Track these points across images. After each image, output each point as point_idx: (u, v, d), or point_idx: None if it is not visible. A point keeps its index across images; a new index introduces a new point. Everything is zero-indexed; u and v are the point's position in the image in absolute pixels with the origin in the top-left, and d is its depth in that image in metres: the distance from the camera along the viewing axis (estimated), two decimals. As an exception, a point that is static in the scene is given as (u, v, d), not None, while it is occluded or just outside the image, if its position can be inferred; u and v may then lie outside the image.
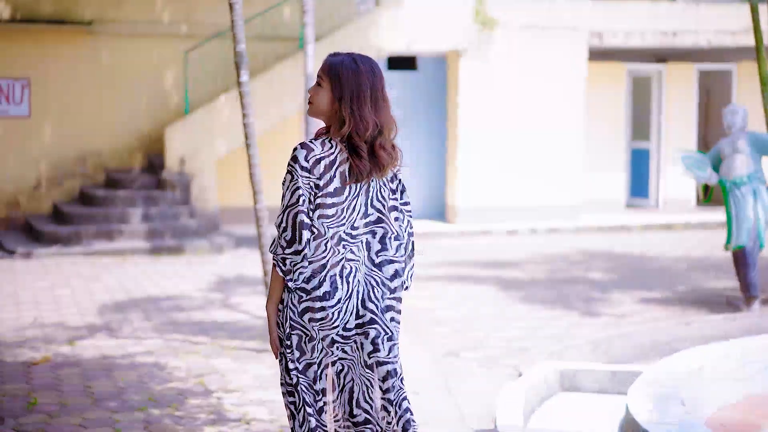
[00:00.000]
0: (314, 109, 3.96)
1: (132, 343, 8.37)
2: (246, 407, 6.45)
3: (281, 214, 3.85)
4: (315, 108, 3.96)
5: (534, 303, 10.34)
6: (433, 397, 6.78)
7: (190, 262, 13.33)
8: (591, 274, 12.36)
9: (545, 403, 6.72)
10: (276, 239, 3.91)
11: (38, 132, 15.83)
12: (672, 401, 5.63)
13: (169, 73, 16.35)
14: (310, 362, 3.95)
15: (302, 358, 3.94)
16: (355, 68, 3.91)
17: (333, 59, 3.95)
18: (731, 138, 10.31)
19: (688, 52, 19.09)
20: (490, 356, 7.99)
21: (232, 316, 9.63)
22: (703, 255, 14.04)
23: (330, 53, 4.05)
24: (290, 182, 3.83)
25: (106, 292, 10.98)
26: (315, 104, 3.95)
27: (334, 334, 3.92)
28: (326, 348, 3.94)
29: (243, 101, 7.87)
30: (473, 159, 17.02)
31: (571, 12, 17.37)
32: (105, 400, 6.60)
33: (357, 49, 15.43)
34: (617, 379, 6.90)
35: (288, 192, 3.84)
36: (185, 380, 7.14)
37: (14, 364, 7.62)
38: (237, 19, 7.80)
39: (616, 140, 19.13)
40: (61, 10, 15.80)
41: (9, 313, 9.70)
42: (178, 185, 15.42)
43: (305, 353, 3.94)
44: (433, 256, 13.81)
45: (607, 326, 9.09)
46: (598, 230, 16.90)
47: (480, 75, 16.97)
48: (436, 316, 9.68)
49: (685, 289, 11.19)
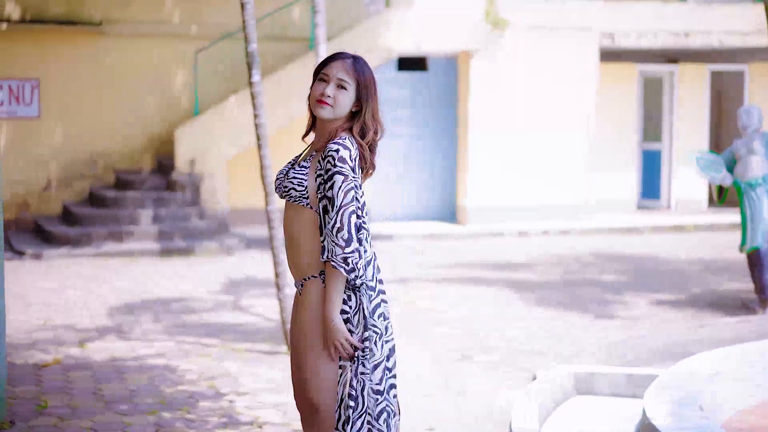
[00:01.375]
0: (336, 111, 3.96)
1: (142, 346, 8.32)
2: (258, 410, 6.39)
3: (335, 216, 3.84)
4: (338, 110, 3.96)
5: (547, 305, 10.26)
6: (447, 401, 6.71)
7: (200, 264, 13.27)
8: (604, 276, 12.27)
9: (560, 406, 6.65)
10: (329, 244, 3.86)
11: (48, 133, 15.80)
12: (689, 405, 5.55)
13: (179, 74, 16.30)
14: (377, 363, 3.95)
15: (372, 359, 3.94)
16: (371, 71, 4.04)
17: (355, 62, 3.99)
18: (746, 139, 10.22)
19: (699, 53, 18.99)
20: (504, 359, 7.92)
21: (243, 318, 9.57)
22: (716, 257, 13.95)
23: (339, 54, 4.03)
24: (342, 182, 3.84)
25: (116, 293, 10.93)
26: (338, 106, 3.95)
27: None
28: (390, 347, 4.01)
29: (255, 102, 7.81)
30: (484, 160, 16.94)
31: (583, 12, 17.29)
32: (116, 402, 6.55)
33: (366, 49, 15.38)
34: (633, 382, 6.83)
35: (341, 192, 3.84)
36: (196, 383, 7.08)
37: (24, 366, 7.57)
38: (248, 18, 7.75)
39: (627, 141, 19.03)
40: (70, 11, 15.76)
41: (19, 314, 9.65)
42: (187, 186, 15.37)
43: (374, 354, 3.95)
44: (445, 258, 13.74)
45: (621, 329, 9.01)
46: (609, 231, 16.80)
47: (491, 76, 16.89)
48: (449, 319, 9.61)
49: (698, 292, 11.10)
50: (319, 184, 3.89)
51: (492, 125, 16.96)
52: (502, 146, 17.01)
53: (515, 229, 16.54)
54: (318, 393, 3.92)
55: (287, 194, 3.97)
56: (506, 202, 17.03)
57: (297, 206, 3.96)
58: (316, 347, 3.91)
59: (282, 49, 16.30)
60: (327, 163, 3.86)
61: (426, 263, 13.25)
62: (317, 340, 3.91)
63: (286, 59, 16.22)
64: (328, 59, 4.04)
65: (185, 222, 14.99)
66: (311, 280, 3.95)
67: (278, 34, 16.26)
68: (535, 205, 17.17)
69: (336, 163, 3.84)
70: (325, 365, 3.90)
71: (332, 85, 3.95)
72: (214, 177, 15.63)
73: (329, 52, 13.95)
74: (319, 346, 3.91)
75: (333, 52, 4.15)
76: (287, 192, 3.97)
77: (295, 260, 4.00)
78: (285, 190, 3.97)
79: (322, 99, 3.94)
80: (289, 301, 7.84)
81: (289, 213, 4.01)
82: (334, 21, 16.03)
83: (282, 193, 4.00)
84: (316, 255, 3.94)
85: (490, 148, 16.95)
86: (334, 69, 3.97)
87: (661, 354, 8.05)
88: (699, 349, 7.59)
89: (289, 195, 3.96)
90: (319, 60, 8.94)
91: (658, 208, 19.41)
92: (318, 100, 3.95)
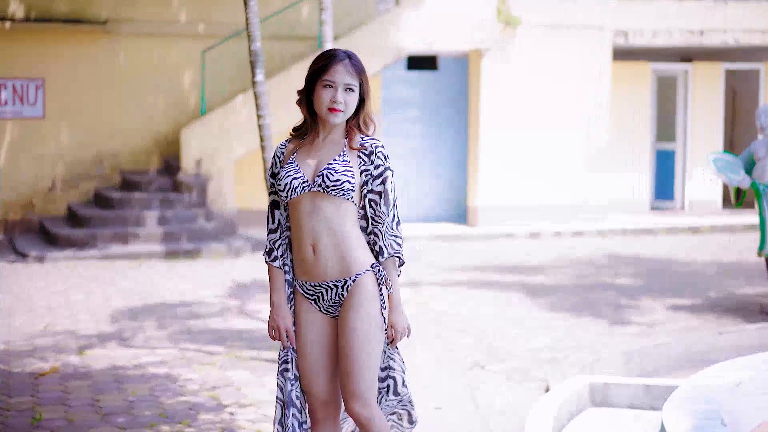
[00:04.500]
0: (347, 114, 4.05)
1: (145, 353, 8.08)
2: (260, 424, 6.13)
3: (393, 211, 4.07)
4: (348, 113, 4.04)
5: (561, 310, 9.99)
6: (459, 412, 6.46)
7: (207, 266, 13.05)
8: (618, 279, 12.00)
9: (575, 419, 6.40)
10: (387, 238, 4.06)
11: (53, 133, 15.60)
12: (711, 418, 5.30)
13: (186, 74, 16.10)
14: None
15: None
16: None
17: (352, 60, 4.04)
18: (765, 139, 9.95)
19: (713, 51, 18.71)
20: (517, 368, 7.66)
21: (249, 324, 9.33)
22: (732, 259, 13.66)
23: (334, 56, 4.02)
24: (392, 178, 4.07)
25: (121, 297, 10.71)
26: (349, 110, 4.04)
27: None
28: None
29: (258, 102, 7.58)
30: (494, 160, 16.69)
31: (596, 10, 17.02)
32: (113, 414, 6.31)
33: (376, 48, 15.17)
34: (651, 393, 6.57)
35: (393, 187, 4.06)
36: (198, 393, 6.84)
37: (21, 374, 7.34)
38: (252, 16, 7.52)
39: (640, 141, 18.76)
40: (75, 10, 15.56)
41: (20, 319, 9.44)
42: (194, 187, 15.16)
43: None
44: (455, 260, 13.49)
45: (638, 336, 8.74)
46: (623, 233, 16.53)
47: (502, 75, 16.65)
48: (460, 325, 9.35)
49: (716, 296, 10.82)
50: (366, 179, 4.02)
51: (503, 125, 16.71)
52: (512, 146, 16.76)
53: (526, 230, 16.29)
54: (364, 382, 4.00)
55: (338, 188, 3.97)
56: (517, 203, 16.78)
57: (338, 200, 3.99)
58: (379, 336, 4.05)
59: (290, 48, 16.11)
60: (377, 158, 4.02)
61: (436, 265, 13.00)
62: (378, 330, 4.04)
63: (294, 58, 16.01)
64: (327, 63, 4.02)
65: (192, 223, 14.77)
66: (366, 274, 4.02)
67: (286, 33, 16.07)
68: (547, 206, 16.91)
69: (385, 160, 4.04)
70: (378, 354, 4.05)
71: (341, 91, 3.99)
72: (222, 177, 15.41)
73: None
74: (380, 336, 4.05)
75: (326, 51, 4.09)
76: (339, 186, 3.97)
77: (344, 256, 4.02)
78: (337, 183, 3.96)
79: (334, 107, 3.99)
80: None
81: (327, 209, 4.01)
82: (343, 19, 15.84)
83: (330, 186, 3.98)
84: (368, 249, 4.05)
85: (500, 148, 16.70)
86: (338, 75, 3.99)
87: (681, 363, 7.81)
88: (720, 357, 7.35)
89: (341, 189, 3.97)
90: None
91: (671, 209, 19.14)
92: (330, 109, 3.99)
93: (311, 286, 4.09)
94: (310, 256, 4.04)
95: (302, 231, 4.05)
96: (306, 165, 4.05)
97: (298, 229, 4.07)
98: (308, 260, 4.05)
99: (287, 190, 4.03)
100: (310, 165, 4.05)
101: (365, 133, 4.09)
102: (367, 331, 4.00)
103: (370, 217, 4.04)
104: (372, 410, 4.01)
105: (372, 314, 4.01)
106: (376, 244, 4.04)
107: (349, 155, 4.03)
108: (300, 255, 4.08)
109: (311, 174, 4.03)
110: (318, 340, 4.12)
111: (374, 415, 4.02)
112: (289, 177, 4.03)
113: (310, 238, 4.03)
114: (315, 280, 4.07)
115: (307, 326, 4.13)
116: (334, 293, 4.06)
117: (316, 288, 4.08)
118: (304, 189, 4.01)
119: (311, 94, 4.05)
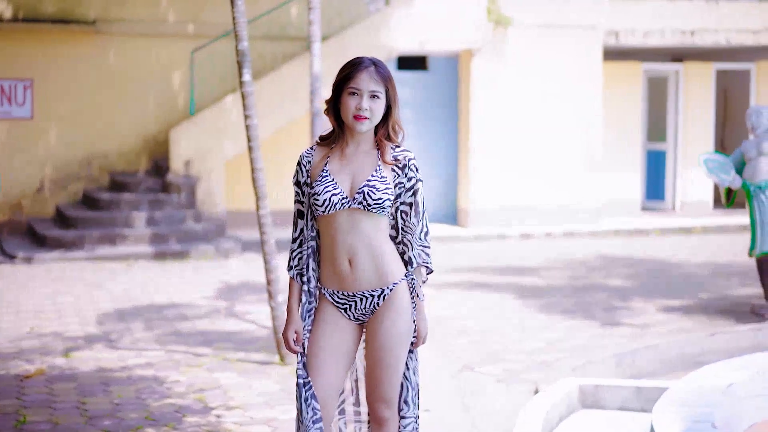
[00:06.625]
0: (373, 122, 4.04)
1: (132, 355, 8.00)
2: (247, 426, 6.06)
3: (423, 221, 4.14)
4: (374, 121, 4.04)
5: (553, 312, 9.93)
6: (448, 415, 6.40)
7: (196, 268, 12.97)
8: (611, 280, 11.95)
9: (565, 421, 6.34)
10: (417, 249, 4.11)
11: (41, 134, 15.51)
12: (701, 421, 5.25)
13: (175, 74, 16.01)
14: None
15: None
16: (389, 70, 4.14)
17: (378, 68, 4.02)
18: (756, 140, 9.91)
19: (705, 52, 18.68)
20: (508, 370, 7.59)
21: (237, 325, 9.25)
22: (725, 260, 13.61)
23: (360, 63, 4.01)
24: (422, 189, 4.12)
25: (109, 299, 10.62)
26: (375, 117, 4.03)
27: None
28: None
29: (245, 102, 7.50)
30: (485, 161, 16.63)
31: (587, 10, 16.96)
32: (99, 418, 6.23)
33: (366, 48, 15.08)
34: (642, 395, 6.53)
35: (422, 198, 4.11)
36: (185, 396, 6.76)
37: (6, 377, 7.26)
38: (239, 16, 7.44)
39: (631, 141, 18.69)
40: (64, 10, 15.47)
41: (7, 321, 9.35)
42: (183, 188, 15.07)
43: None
44: (447, 262, 13.42)
45: (630, 338, 8.68)
46: (615, 234, 16.49)
47: (493, 75, 16.59)
48: (452, 327, 9.28)
49: (708, 297, 10.77)
50: (399, 191, 4.06)
51: (494, 125, 16.65)
52: (504, 147, 16.71)
53: (518, 231, 16.24)
54: (393, 388, 4.09)
55: (379, 206, 4.00)
56: (508, 204, 16.72)
57: (376, 216, 4.02)
58: (407, 342, 4.13)
59: (281, 48, 16.04)
60: (409, 171, 4.06)
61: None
62: (408, 337, 4.13)
63: (285, 58, 15.94)
64: (352, 71, 4.00)
65: (181, 225, 14.69)
66: (401, 283, 4.09)
67: (277, 34, 16.00)
68: (538, 207, 16.85)
69: (417, 172, 4.08)
70: (404, 359, 4.13)
71: (366, 99, 3.99)
72: (211, 178, 15.33)
73: (327, 51, 13.71)
74: (408, 342, 4.13)
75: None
76: (380, 204, 3.99)
77: (379, 267, 4.04)
78: (378, 202, 3.99)
79: (359, 114, 3.98)
80: (281, 309, 7.54)
81: (365, 224, 4.02)
82: (333, 19, 15.78)
83: (372, 204, 3.99)
84: (399, 260, 4.10)
85: (491, 148, 16.65)
86: (363, 82, 3.99)
87: (673, 364, 7.77)
88: (711, 358, 7.32)
89: (382, 207, 4.00)
90: (313, 58, 8.64)
91: (663, 209, 19.10)
92: (356, 116, 3.98)
93: (344, 295, 4.08)
94: (346, 269, 4.04)
95: (338, 245, 4.04)
96: (341, 179, 4.03)
97: (332, 242, 4.05)
98: (344, 273, 4.05)
99: (326, 206, 4.00)
100: (346, 179, 4.03)
101: (395, 141, 4.09)
102: (400, 338, 4.08)
103: (399, 227, 4.09)
104: (394, 411, 4.12)
105: (406, 322, 4.10)
106: (405, 254, 4.10)
107: (384, 170, 4.04)
108: (334, 268, 4.06)
109: (348, 189, 4.02)
110: (338, 345, 4.11)
111: (394, 415, 4.13)
112: (328, 193, 4.00)
113: (347, 253, 4.03)
114: (349, 290, 4.06)
115: (330, 330, 4.10)
116: (369, 302, 4.08)
117: (350, 298, 4.08)
118: (344, 206, 4.00)
119: (338, 103, 4.04)
